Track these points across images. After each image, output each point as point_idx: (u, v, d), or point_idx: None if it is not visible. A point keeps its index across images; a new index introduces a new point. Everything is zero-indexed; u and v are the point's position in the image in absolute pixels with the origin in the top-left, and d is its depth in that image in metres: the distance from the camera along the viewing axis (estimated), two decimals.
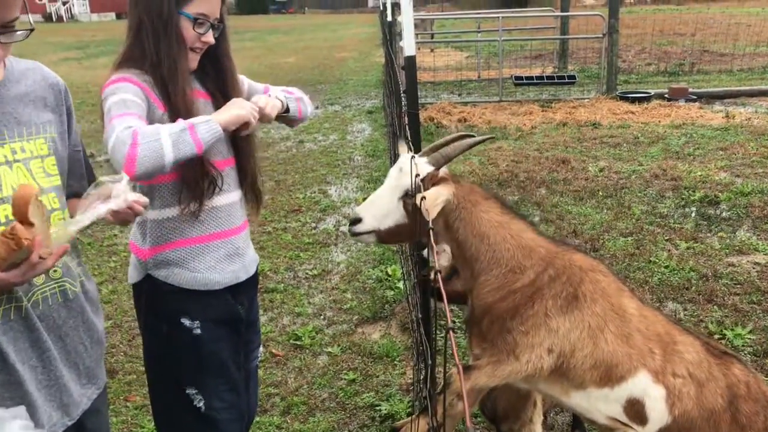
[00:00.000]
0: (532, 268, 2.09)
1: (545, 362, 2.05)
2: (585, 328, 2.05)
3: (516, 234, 2.14)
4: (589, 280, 2.08)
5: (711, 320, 3.99)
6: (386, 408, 3.40)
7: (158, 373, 2.18)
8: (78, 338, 1.79)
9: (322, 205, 6.77)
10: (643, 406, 2.07)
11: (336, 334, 4.26)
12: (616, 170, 7.22)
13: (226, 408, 2.17)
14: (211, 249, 2.10)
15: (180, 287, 2.07)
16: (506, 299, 2.08)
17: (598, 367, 2.05)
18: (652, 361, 2.06)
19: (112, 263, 5.65)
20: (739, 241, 5.12)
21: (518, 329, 2.05)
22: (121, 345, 4.26)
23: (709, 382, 2.07)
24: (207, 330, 2.10)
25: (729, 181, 6.49)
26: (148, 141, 1.70)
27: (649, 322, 2.12)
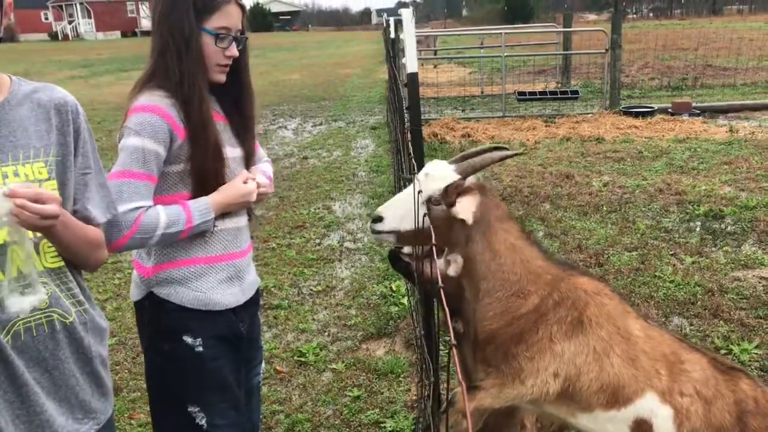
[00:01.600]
0: (537, 293, 2.09)
1: (551, 387, 2.05)
2: (590, 352, 2.05)
3: (527, 259, 2.13)
4: (594, 304, 2.09)
5: (717, 335, 3.96)
6: (391, 425, 3.39)
7: (160, 391, 2.17)
8: (69, 371, 1.69)
9: (326, 221, 6.78)
10: (650, 426, 2.06)
11: (340, 350, 4.25)
12: (620, 185, 7.21)
13: (228, 425, 2.16)
14: (214, 270, 2.11)
15: (182, 305, 2.07)
16: (511, 325, 2.08)
17: (604, 390, 2.05)
18: (658, 382, 2.06)
19: (116, 280, 5.66)
20: (744, 256, 5.10)
21: (523, 355, 2.05)
22: (126, 362, 4.25)
23: (716, 399, 2.07)
24: (209, 347, 2.10)
25: (733, 195, 6.48)
26: (142, 236, 1.92)
27: (655, 343, 2.12)
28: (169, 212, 1.96)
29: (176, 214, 1.97)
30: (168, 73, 1.97)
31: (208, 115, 2.00)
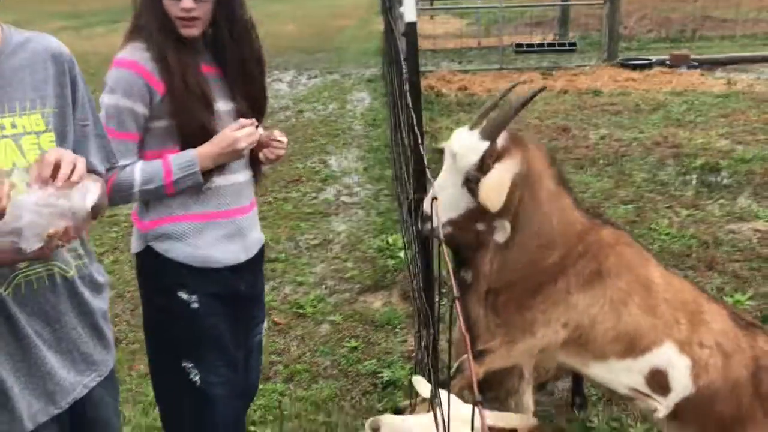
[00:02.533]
0: (565, 246, 2.02)
1: (560, 335, 2.02)
2: (606, 302, 2.00)
3: (564, 209, 2.05)
4: (614, 255, 2.03)
5: (711, 287, 4.01)
6: (388, 375, 3.44)
7: (156, 345, 2.19)
8: (70, 324, 1.69)
9: (322, 175, 6.76)
10: (666, 376, 2.04)
11: (338, 302, 4.29)
12: (616, 138, 7.19)
13: (222, 383, 2.15)
14: (212, 227, 2.07)
15: (178, 261, 2.05)
16: (532, 277, 2.03)
17: (620, 340, 2.02)
18: (677, 332, 2.02)
19: (114, 233, 5.66)
20: (739, 208, 5.12)
21: (538, 307, 2.02)
22: (124, 314, 4.28)
23: (735, 353, 2.03)
24: (205, 304, 2.08)
25: (730, 148, 6.47)
26: (120, 194, 1.93)
27: (676, 291, 2.07)
28: (145, 169, 1.94)
29: (153, 171, 1.94)
30: (144, 25, 1.94)
31: (187, 68, 1.94)
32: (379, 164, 6.96)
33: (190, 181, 1.97)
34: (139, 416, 3.27)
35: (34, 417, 1.62)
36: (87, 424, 1.79)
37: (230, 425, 2.22)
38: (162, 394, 2.24)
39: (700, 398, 2.04)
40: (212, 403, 2.13)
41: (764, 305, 3.75)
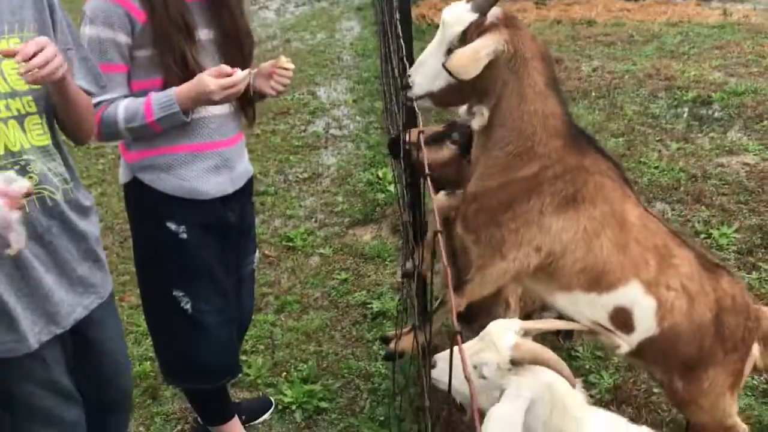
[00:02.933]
0: (541, 158, 1.91)
1: (532, 260, 1.95)
2: (580, 230, 1.94)
3: (549, 114, 1.90)
4: (593, 183, 1.95)
5: (698, 220, 4.04)
6: (377, 306, 3.49)
7: (147, 275, 2.20)
8: (64, 247, 1.74)
9: (311, 107, 6.67)
10: (630, 315, 2.02)
11: (328, 235, 4.30)
12: (609, 70, 7.10)
13: (213, 311, 2.18)
14: (198, 159, 2.06)
15: (165, 193, 2.04)
16: (505, 188, 1.92)
17: (587, 272, 1.98)
18: (645, 273, 1.99)
19: (100, 165, 5.61)
20: (729, 142, 5.12)
21: (508, 225, 1.92)
22: (114, 246, 4.29)
23: (700, 296, 2.03)
24: (193, 235, 2.09)
25: (723, 81, 6.41)
26: (108, 130, 1.93)
27: (649, 233, 2.03)
28: (128, 107, 1.92)
29: (134, 109, 1.92)
30: None
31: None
32: (369, 96, 6.87)
33: (173, 120, 1.94)
34: (131, 346, 3.32)
35: (38, 336, 1.69)
36: (90, 345, 1.87)
37: (222, 351, 2.27)
38: (154, 324, 2.27)
39: (663, 339, 2.04)
40: (204, 330, 2.18)
41: (749, 238, 3.79)
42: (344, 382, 3.02)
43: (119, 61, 1.90)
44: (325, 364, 3.14)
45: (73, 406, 1.85)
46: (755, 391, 2.75)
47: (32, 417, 1.77)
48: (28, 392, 1.73)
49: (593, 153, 1.99)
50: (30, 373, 1.72)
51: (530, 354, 1.59)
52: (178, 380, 2.35)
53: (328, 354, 3.20)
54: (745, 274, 3.49)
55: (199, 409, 2.48)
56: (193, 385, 2.30)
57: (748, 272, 3.51)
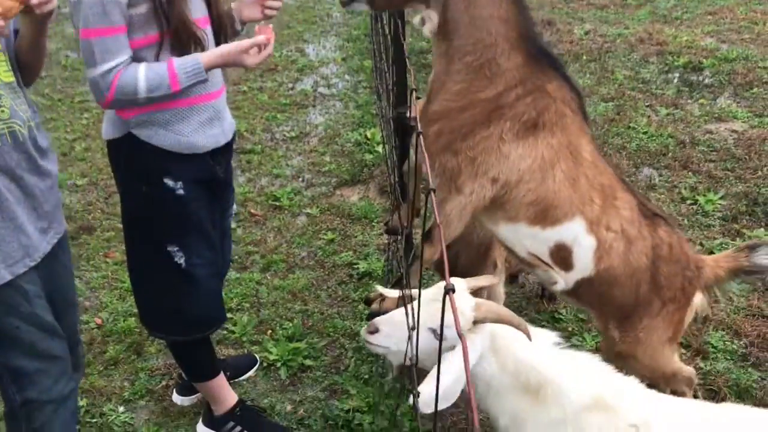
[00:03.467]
0: (505, 75, 1.84)
1: (488, 192, 1.90)
2: (537, 158, 1.89)
3: (508, 19, 1.84)
4: (554, 110, 1.89)
5: (685, 186, 4.05)
6: (364, 266, 3.49)
7: (138, 231, 2.19)
8: (32, 183, 1.79)
9: (299, 65, 6.58)
10: (570, 252, 2.00)
11: (315, 195, 4.28)
12: (601, 33, 7.03)
13: (205, 264, 2.22)
14: (194, 112, 2.06)
15: (163, 148, 2.03)
16: (466, 110, 1.86)
17: (537, 204, 1.94)
18: (590, 210, 1.97)
19: (84, 120, 5.52)
20: (719, 108, 5.11)
21: (465, 154, 1.86)
22: (98, 202, 4.24)
23: (637, 240, 2.02)
24: (189, 190, 2.10)
25: (714, 47, 6.37)
26: (124, 97, 1.88)
27: (598, 171, 1.99)
28: (149, 76, 1.88)
29: (157, 79, 1.89)
30: None
31: None
32: (359, 54, 6.78)
33: (197, 84, 1.96)
34: (115, 302, 3.31)
35: (13, 269, 1.75)
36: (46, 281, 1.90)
37: (213, 301, 2.31)
38: (143, 279, 2.26)
39: (599, 281, 2.03)
40: (197, 283, 2.20)
41: (734, 205, 3.81)
42: (329, 341, 3.03)
43: (121, 21, 1.85)
44: (311, 322, 3.15)
45: (57, 340, 1.89)
46: (734, 355, 2.79)
47: (18, 351, 1.81)
48: (13, 326, 1.77)
49: (558, 78, 1.93)
50: (16, 307, 1.77)
51: (492, 314, 1.60)
52: (167, 333, 2.35)
53: (313, 313, 3.21)
54: (729, 240, 3.51)
55: (185, 365, 2.49)
56: (183, 337, 2.31)
57: (733, 239, 3.53)
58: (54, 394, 1.88)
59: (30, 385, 1.84)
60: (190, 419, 2.65)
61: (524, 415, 1.67)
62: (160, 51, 1.93)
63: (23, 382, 1.83)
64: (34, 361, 1.83)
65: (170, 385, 2.81)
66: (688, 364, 2.73)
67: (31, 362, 1.82)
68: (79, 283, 3.40)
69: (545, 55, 1.94)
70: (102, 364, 2.93)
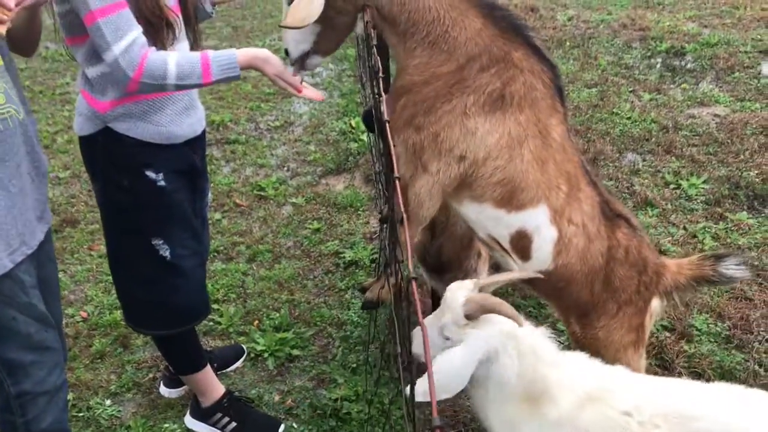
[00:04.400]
0: (465, 46, 1.75)
1: (454, 170, 1.82)
2: (505, 134, 1.78)
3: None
4: (522, 82, 1.78)
5: (668, 171, 4.08)
6: (350, 255, 3.48)
7: (119, 225, 2.16)
8: (28, 170, 1.78)
9: (282, 54, 6.52)
10: (530, 242, 1.92)
11: (300, 185, 4.26)
12: (584, 19, 7.05)
13: (189, 255, 2.21)
14: (171, 102, 2.04)
15: (142, 140, 2.01)
16: (428, 84, 1.78)
17: (504, 185, 1.84)
18: (556, 199, 1.87)
19: (66, 112, 5.47)
20: (701, 93, 5.14)
21: (428, 129, 1.78)
22: (81, 195, 4.21)
23: (596, 239, 1.95)
24: (170, 181, 2.09)
25: (696, 32, 6.41)
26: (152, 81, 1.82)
27: (566, 157, 1.89)
28: (181, 62, 1.84)
29: (190, 68, 1.85)
30: None
31: None
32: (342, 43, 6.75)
33: (227, 80, 1.94)
34: (101, 295, 3.29)
35: (13, 257, 1.74)
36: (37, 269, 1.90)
37: (199, 292, 2.30)
38: (127, 274, 2.23)
39: (556, 276, 1.97)
40: (183, 274, 2.19)
41: (717, 189, 3.84)
42: (316, 331, 3.03)
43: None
44: (297, 312, 3.14)
45: (50, 331, 1.88)
46: (718, 338, 2.82)
47: (14, 343, 1.79)
48: (10, 317, 1.76)
49: (525, 47, 1.81)
50: (13, 297, 1.75)
51: (479, 305, 1.59)
52: (153, 329, 2.33)
53: (300, 303, 3.20)
54: (712, 224, 3.54)
55: (172, 358, 2.48)
56: (170, 331, 2.30)
57: (716, 222, 3.56)
58: (48, 385, 1.88)
59: (24, 378, 1.83)
60: (177, 411, 2.65)
61: (520, 419, 1.64)
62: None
63: (18, 375, 1.82)
64: (29, 353, 1.82)
65: (157, 378, 2.80)
66: (673, 347, 2.76)
67: (27, 354, 1.82)
68: (63, 276, 3.38)
69: (507, 20, 1.82)
70: (88, 357, 2.92)
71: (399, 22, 1.80)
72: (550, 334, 1.71)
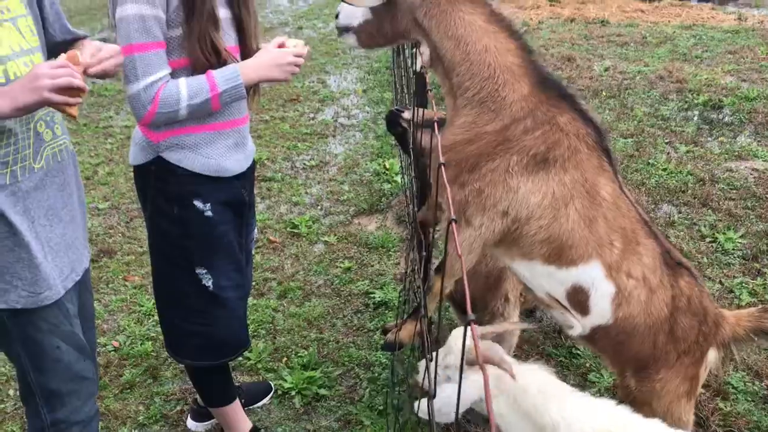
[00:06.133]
0: (510, 108, 1.81)
1: (497, 225, 1.85)
2: (548, 195, 1.82)
3: (501, 49, 1.81)
4: (566, 146, 1.82)
5: (704, 224, 4.03)
6: (380, 296, 3.49)
7: (165, 253, 2.21)
8: (77, 200, 1.87)
9: (320, 95, 6.66)
10: (587, 297, 1.92)
11: (333, 224, 4.30)
12: (621, 70, 7.08)
13: (232, 287, 2.23)
14: (223, 137, 2.11)
15: (192, 171, 2.08)
16: (472, 143, 1.83)
17: (550, 243, 1.87)
18: (609, 254, 1.89)
19: (108, 145, 5.61)
20: (739, 147, 5.09)
21: (472, 186, 1.82)
22: (119, 226, 4.29)
23: (659, 290, 1.94)
24: (217, 212, 2.14)
25: (734, 86, 6.38)
26: (167, 110, 1.92)
27: (620, 214, 1.91)
28: (190, 83, 1.94)
29: (198, 84, 1.94)
30: None
31: None
32: (379, 86, 6.86)
33: (235, 93, 2.00)
34: (133, 325, 3.33)
35: (65, 283, 1.80)
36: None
37: (239, 325, 2.32)
38: (170, 303, 2.27)
39: (617, 329, 1.96)
40: (224, 305, 2.22)
41: (755, 244, 3.78)
42: (344, 370, 3.02)
43: (161, 38, 1.91)
44: (326, 351, 3.14)
45: (88, 361, 1.92)
46: (755, 397, 2.75)
47: (56, 372, 1.82)
48: (55, 346, 1.79)
49: (570, 111, 1.86)
50: (58, 326, 1.79)
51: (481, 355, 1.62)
52: (194, 359, 2.34)
53: (329, 341, 3.20)
54: (749, 279, 3.48)
55: (204, 390, 2.49)
56: (210, 362, 2.32)
57: (753, 278, 3.50)
58: (82, 415, 1.90)
59: (61, 407, 1.85)
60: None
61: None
62: (192, 75, 1.98)
63: (55, 403, 1.85)
64: (68, 383, 1.84)
65: (185, 411, 2.81)
66: (708, 404, 2.69)
67: (66, 384, 1.84)
68: (97, 305, 3.43)
69: (554, 85, 1.88)
70: (117, 387, 2.94)
71: (457, 73, 1.85)
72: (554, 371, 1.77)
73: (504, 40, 1.83)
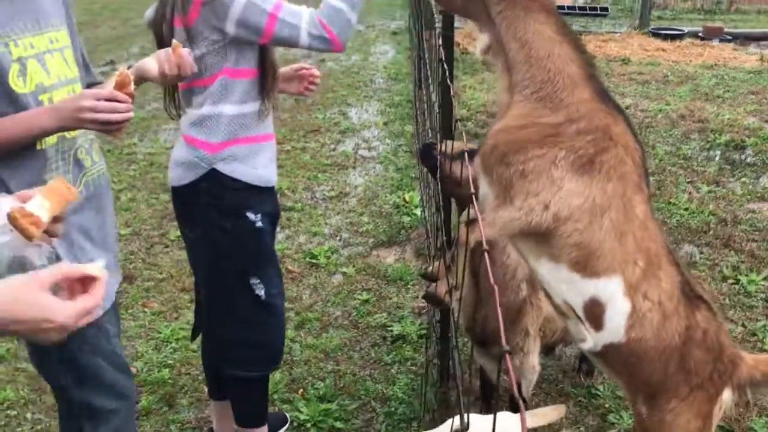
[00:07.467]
0: (568, 108, 1.82)
1: (537, 216, 1.82)
2: (590, 199, 1.81)
3: (566, 60, 1.84)
4: (614, 155, 1.82)
5: (726, 265, 3.98)
6: (398, 329, 3.47)
7: (220, 268, 2.25)
8: (110, 223, 1.92)
9: (341, 127, 6.72)
10: (603, 311, 1.90)
11: (351, 255, 4.31)
12: (642, 108, 7.08)
13: (279, 294, 2.34)
14: (265, 149, 2.21)
15: (243, 182, 2.15)
16: (524, 128, 1.84)
17: (580, 249, 1.84)
18: (631, 272, 1.87)
19: (131, 171, 5.69)
20: (761, 188, 5.06)
21: (517, 167, 1.82)
22: (140, 252, 4.33)
23: (673, 317, 1.92)
24: (264, 223, 2.22)
25: (757, 126, 6.36)
26: (339, 25, 2.07)
27: (648, 235, 1.90)
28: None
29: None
30: None
31: None
32: (400, 119, 6.91)
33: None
34: (151, 352, 3.33)
35: (104, 302, 1.82)
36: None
37: (283, 332, 2.45)
38: (227, 317, 2.31)
39: (628, 350, 1.94)
40: (274, 313, 2.32)
41: None
42: (361, 404, 3.00)
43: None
44: (342, 383, 3.12)
45: (129, 380, 1.96)
46: None
47: (100, 390, 1.86)
48: (97, 365, 1.83)
49: (623, 123, 1.87)
50: (97, 346, 1.83)
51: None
52: (250, 369, 2.38)
53: (345, 374, 3.18)
54: None
55: (252, 405, 2.49)
56: (264, 371, 2.42)
57: None
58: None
59: (104, 423, 1.88)
60: None
61: None
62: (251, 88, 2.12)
63: (99, 420, 1.88)
64: (112, 401, 1.88)
65: None
66: None
67: (110, 401, 1.88)
68: None
69: (611, 98, 1.91)
70: None
71: (518, 71, 1.87)
72: None
73: (569, 50, 1.86)
